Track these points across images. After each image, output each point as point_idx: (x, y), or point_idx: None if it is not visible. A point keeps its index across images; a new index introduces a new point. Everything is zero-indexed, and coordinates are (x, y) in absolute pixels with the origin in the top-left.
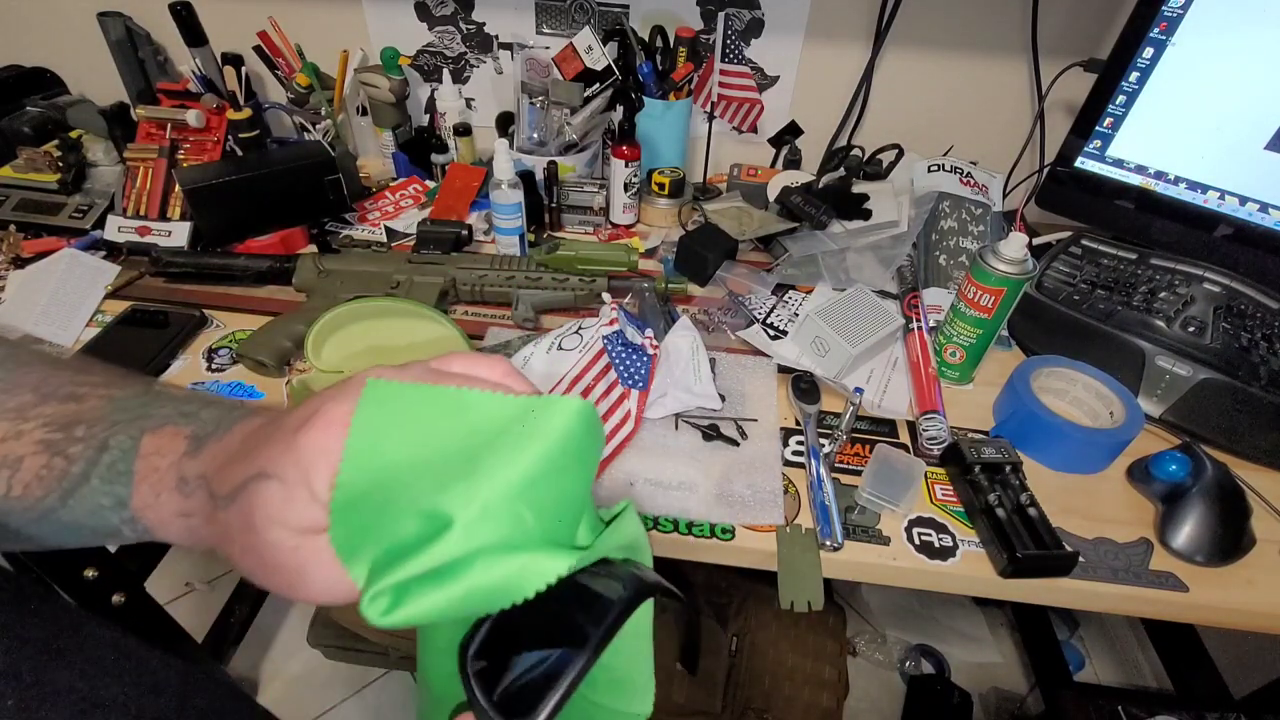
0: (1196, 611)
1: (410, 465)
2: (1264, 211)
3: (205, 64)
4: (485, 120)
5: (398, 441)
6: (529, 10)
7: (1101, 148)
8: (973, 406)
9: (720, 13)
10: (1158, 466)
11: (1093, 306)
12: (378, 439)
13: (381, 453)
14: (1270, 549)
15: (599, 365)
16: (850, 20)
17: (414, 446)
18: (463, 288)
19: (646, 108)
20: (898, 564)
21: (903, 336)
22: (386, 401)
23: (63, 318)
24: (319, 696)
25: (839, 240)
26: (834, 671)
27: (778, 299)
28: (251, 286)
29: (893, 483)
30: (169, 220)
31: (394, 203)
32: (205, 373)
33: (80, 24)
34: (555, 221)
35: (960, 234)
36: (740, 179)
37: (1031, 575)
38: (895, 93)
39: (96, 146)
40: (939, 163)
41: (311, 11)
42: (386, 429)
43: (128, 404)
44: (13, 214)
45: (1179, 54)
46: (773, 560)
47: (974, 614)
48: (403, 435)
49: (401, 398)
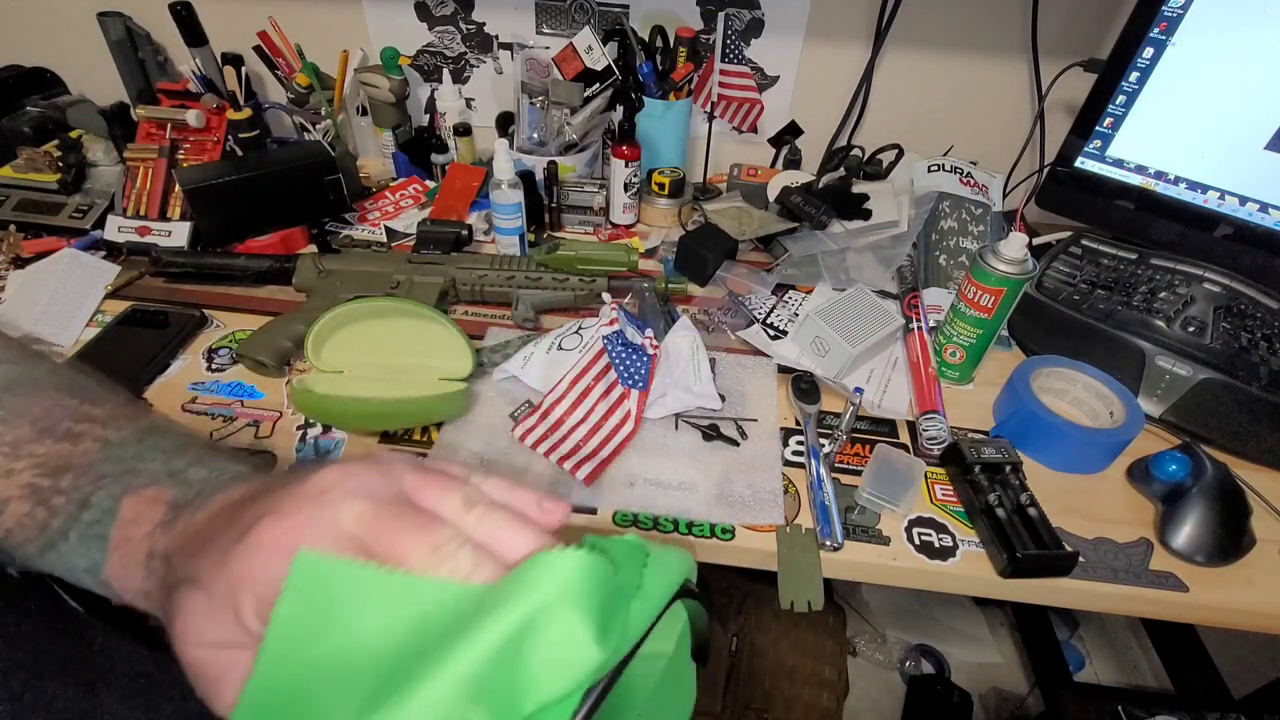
0: (1196, 611)
1: (335, 670)
2: (1264, 211)
3: (205, 64)
4: (485, 120)
5: (324, 637)
6: (529, 10)
7: (1101, 148)
8: (973, 406)
9: (720, 13)
10: (1158, 466)
11: (1093, 306)
12: (301, 634)
13: (303, 652)
14: (1270, 549)
15: (599, 365)
16: (850, 20)
17: (343, 643)
18: (463, 288)
19: (646, 108)
20: (898, 564)
21: (903, 336)
22: (319, 583)
23: (63, 318)
24: None
25: (839, 240)
26: (834, 671)
27: (778, 299)
28: (251, 286)
29: (893, 483)
30: (169, 220)
31: (394, 203)
32: (205, 373)
33: (80, 24)
34: (555, 221)
35: (960, 234)
36: (740, 179)
37: (1031, 575)
38: (895, 93)
39: (96, 146)
40: (939, 163)
41: (311, 11)
42: (313, 620)
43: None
44: (13, 214)
45: (1179, 54)
46: (773, 560)
47: (974, 614)
48: (331, 629)
49: (337, 578)
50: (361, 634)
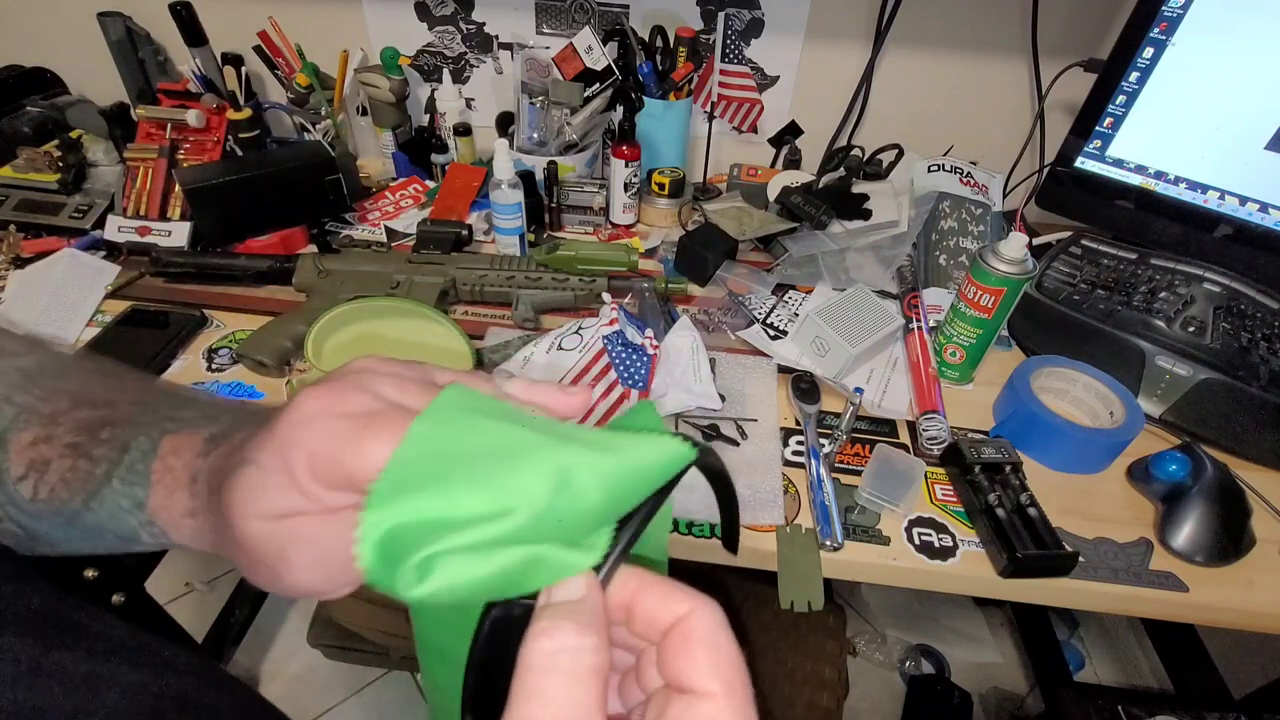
0: (1196, 611)
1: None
2: (1264, 211)
3: (205, 64)
4: (485, 120)
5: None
6: (529, 10)
7: (1101, 148)
8: (973, 406)
9: (720, 13)
10: (1158, 466)
11: (1093, 306)
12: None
13: (445, 435)
14: (1270, 549)
15: (599, 365)
16: (850, 20)
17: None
18: (463, 288)
19: (646, 108)
20: (898, 564)
21: (903, 336)
22: (459, 395)
23: (63, 318)
24: (319, 696)
25: (839, 240)
26: (834, 671)
27: (778, 299)
28: (251, 286)
29: (893, 483)
30: (169, 220)
31: (394, 203)
32: (205, 373)
33: (80, 24)
34: (555, 221)
35: (960, 234)
36: (740, 179)
37: (1031, 575)
38: (895, 93)
39: (96, 146)
40: (939, 163)
41: (311, 11)
42: (454, 414)
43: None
44: (13, 214)
45: (1179, 54)
46: (773, 560)
47: (974, 614)
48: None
49: (473, 397)
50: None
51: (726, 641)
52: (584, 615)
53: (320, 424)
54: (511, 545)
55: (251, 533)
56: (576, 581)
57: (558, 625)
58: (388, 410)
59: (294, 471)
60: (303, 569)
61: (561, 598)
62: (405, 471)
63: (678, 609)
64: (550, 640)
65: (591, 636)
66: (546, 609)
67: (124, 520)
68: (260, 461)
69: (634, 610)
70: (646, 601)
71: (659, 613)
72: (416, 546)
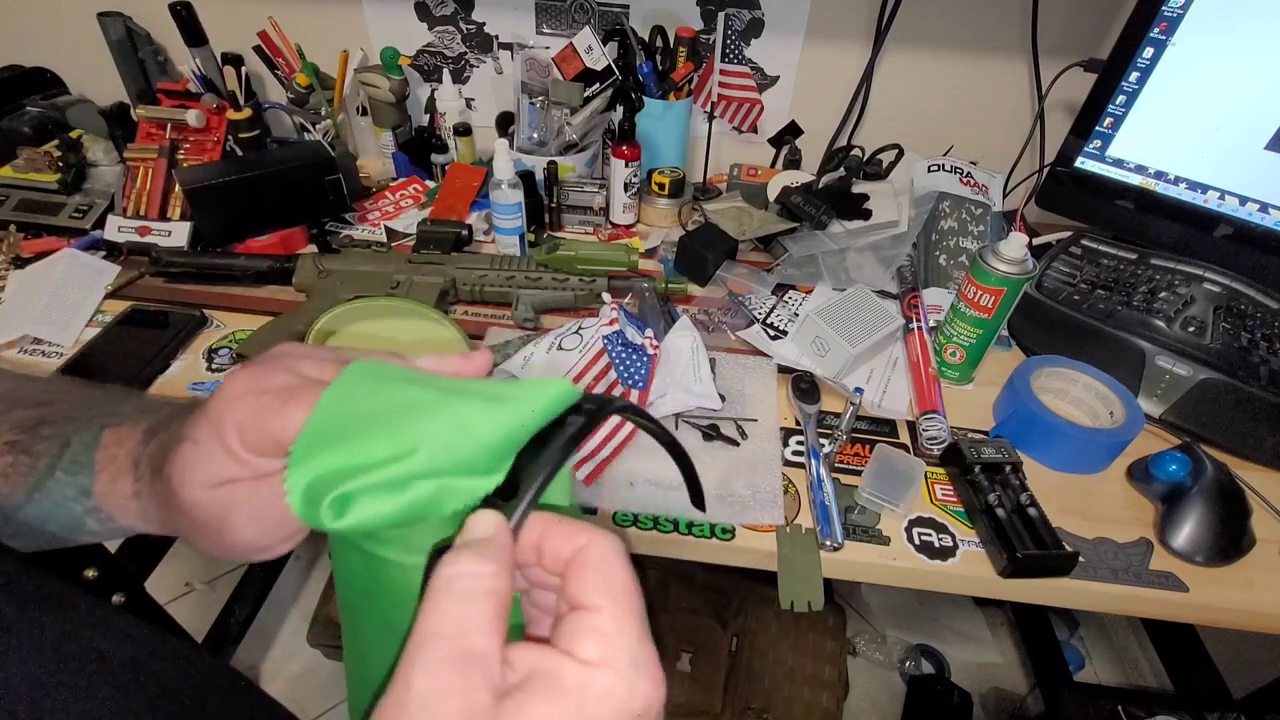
0: (1196, 611)
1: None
2: (1264, 211)
3: (205, 64)
4: (485, 120)
5: (363, 399)
6: (529, 10)
7: (1101, 148)
8: (973, 406)
9: (720, 13)
10: (1158, 466)
11: (1093, 306)
12: (347, 393)
13: (349, 402)
14: (1270, 549)
15: (599, 365)
16: (850, 20)
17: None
18: (463, 288)
19: (646, 108)
20: (898, 564)
21: (903, 336)
22: (364, 368)
23: (63, 318)
24: (319, 696)
25: (839, 240)
26: (834, 671)
27: (778, 299)
28: (251, 286)
29: (893, 483)
30: (169, 220)
31: (394, 203)
32: (205, 373)
33: (80, 24)
34: (555, 221)
35: (960, 234)
36: (740, 179)
37: (1031, 575)
38: (895, 93)
39: (96, 146)
40: (939, 163)
41: (311, 11)
42: (357, 385)
43: (93, 404)
44: (13, 214)
45: (1179, 54)
46: (773, 560)
47: (974, 614)
48: (369, 395)
49: (376, 368)
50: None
51: (618, 566)
52: (486, 549)
53: (247, 399)
54: (421, 479)
55: (195, 500)
56: (485, 523)
57: (459, 555)
58: (306, 384)
59: (227, 442)
60: (243, 528)
61: (471, 536)
62: (319, 431)
63: (578, 541)
64: (450, 567)
65: (490, 565)
66: (458, 545)
67: (68, 509)
68: (196, 437)
69: (543, 549)
70: (553, 539)
71: (562, 547)
72: (337, 490)
